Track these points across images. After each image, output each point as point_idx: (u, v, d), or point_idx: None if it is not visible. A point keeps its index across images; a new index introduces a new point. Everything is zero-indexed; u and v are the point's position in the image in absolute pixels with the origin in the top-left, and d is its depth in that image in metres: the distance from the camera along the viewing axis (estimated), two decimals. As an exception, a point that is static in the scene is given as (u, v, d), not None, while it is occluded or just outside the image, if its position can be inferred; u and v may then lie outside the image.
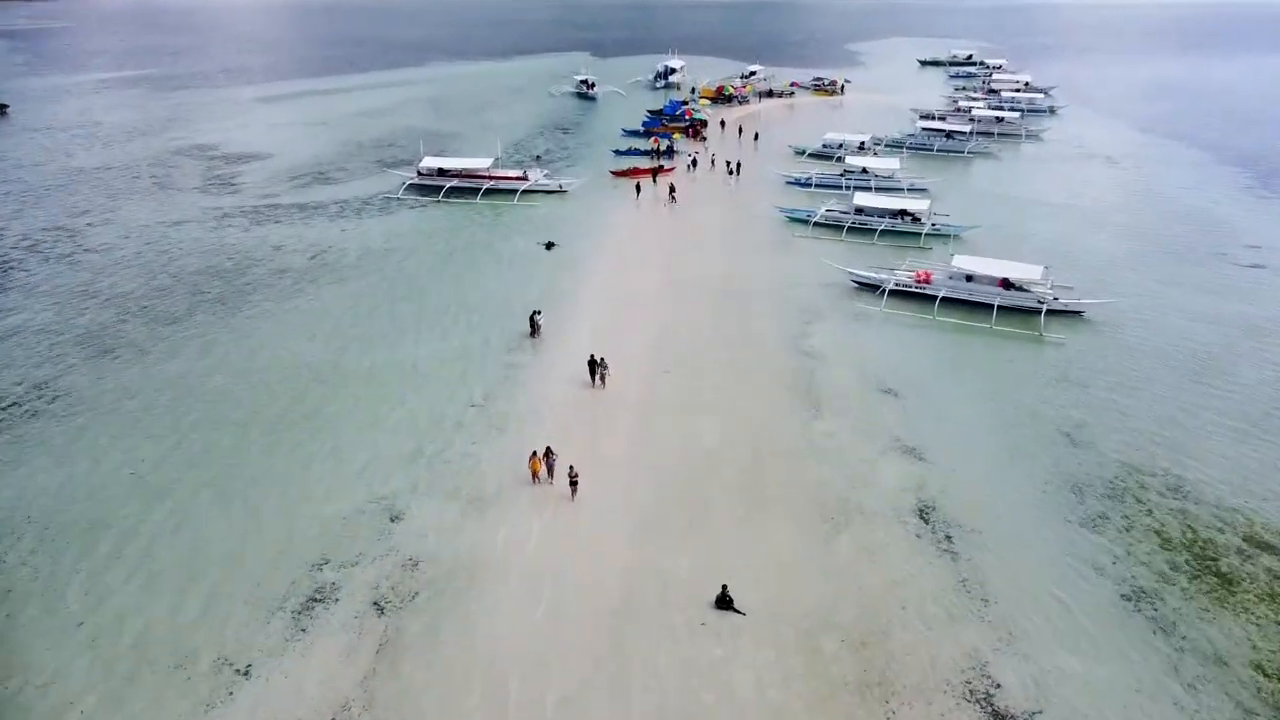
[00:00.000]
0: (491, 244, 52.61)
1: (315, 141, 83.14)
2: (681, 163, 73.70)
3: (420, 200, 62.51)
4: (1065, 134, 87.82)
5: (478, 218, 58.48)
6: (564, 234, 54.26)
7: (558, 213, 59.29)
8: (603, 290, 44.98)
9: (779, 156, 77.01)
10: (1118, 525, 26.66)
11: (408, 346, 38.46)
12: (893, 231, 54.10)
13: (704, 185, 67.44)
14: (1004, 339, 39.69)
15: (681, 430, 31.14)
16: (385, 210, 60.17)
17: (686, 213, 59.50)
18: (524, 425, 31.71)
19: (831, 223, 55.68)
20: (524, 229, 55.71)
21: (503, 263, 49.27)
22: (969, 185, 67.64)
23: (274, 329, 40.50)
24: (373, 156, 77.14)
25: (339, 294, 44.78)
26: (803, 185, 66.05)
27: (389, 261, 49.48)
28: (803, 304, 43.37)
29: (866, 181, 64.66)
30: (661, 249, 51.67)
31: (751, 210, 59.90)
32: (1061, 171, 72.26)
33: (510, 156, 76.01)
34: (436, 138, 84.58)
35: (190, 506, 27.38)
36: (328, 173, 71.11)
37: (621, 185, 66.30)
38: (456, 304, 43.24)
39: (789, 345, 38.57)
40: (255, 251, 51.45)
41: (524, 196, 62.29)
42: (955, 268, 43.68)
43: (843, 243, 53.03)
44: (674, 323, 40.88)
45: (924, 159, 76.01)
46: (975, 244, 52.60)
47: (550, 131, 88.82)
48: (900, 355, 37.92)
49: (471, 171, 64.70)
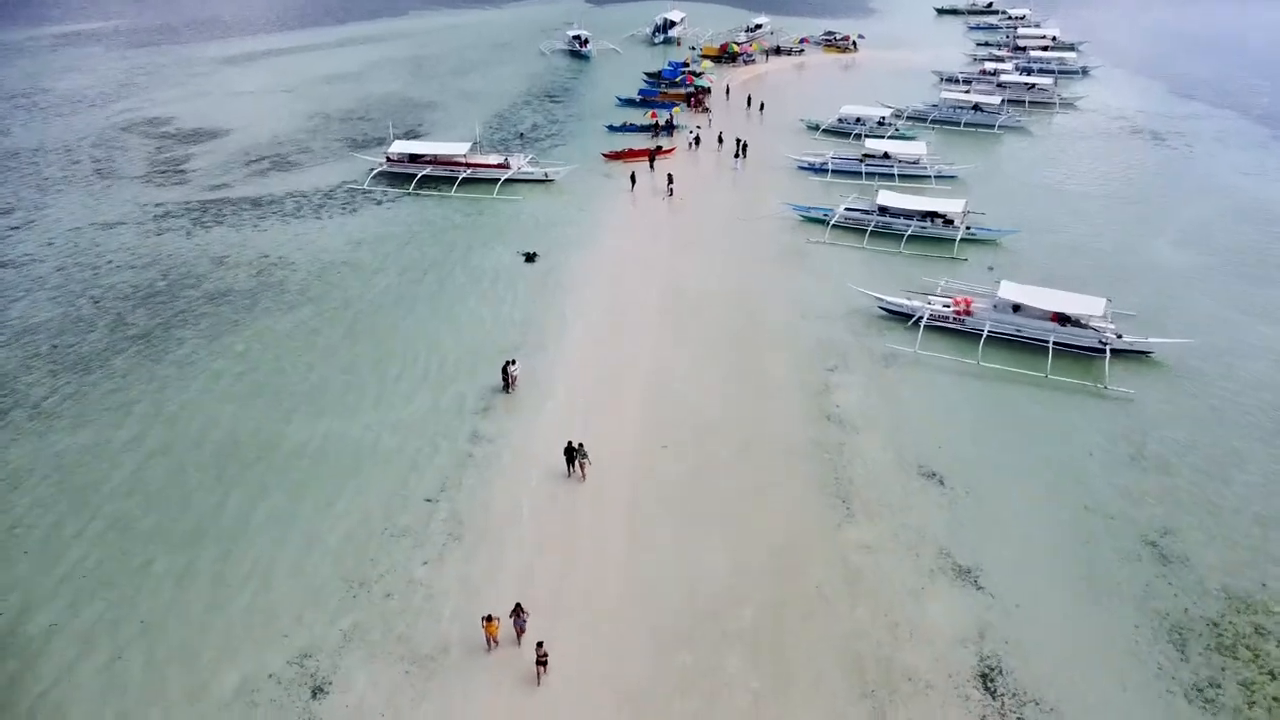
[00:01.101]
0: (467, 255, 46.08)
1: (278, 114, 75.62)
2: (682, 140, 66.51)
3: (389, 193, 55.68)
4: (1101, 101, 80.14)
5: (453, 216, 51.77)
6: (548, 240, 47.78)
7: (542, 209, 52.61)
8: (588, 323, 38.71)
9: (788, 132, 69.72)
10: (1234, 698, 20.99)
11: (364, 410, 32.42)
12: (922, 237, 47.51)
13: (706, 170, 60.51)
14: (1060, 393, 33.60)
15: (682, 555, 25.25)
16: (348, 207, 53.38)
17: (686, 209, 52.79)
18: (484, 537, 25.87)
19: (851, 224, 49.05)
20: (504, 232, 49.12)
21: (477, 282, 42.88)
22: (1002, 170, 60.63)
23: (205, 382, 34.37)
24: (339, 133, 69.83)
25: (287, 328, 38.54)
26: (816, 171, 59.11)
27: (348, 282, 43.07)
28: (824, 340, 37.17)
29: (888, 168, 57.71)
30: (657, 260, 45.23)
31: (760, 205, 53.14)
32: (1103, 151, 65.11)
33: (493, 134, 68.74)
34: (411, 109, 77.09)
35: (55, 664, 21.68)
36: (288, 155, 63.99)
37: (615, 172, 59.37)
38: (422, 344, 37.06)
39: (810, 406, 32.49)
40: (195, 265, 44.98)
41: (505, 187, 55.43)
42: (1000, 297, 37.33)
43: (864, 250, 46.56)
44: (671, 371, 34.75)
45: (950, 135, 68.77)
46: (1016, 252, 46.22)
47: (538, 100, 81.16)
48: (942, 418, 31.88)
49: (447, 158, 57.69)
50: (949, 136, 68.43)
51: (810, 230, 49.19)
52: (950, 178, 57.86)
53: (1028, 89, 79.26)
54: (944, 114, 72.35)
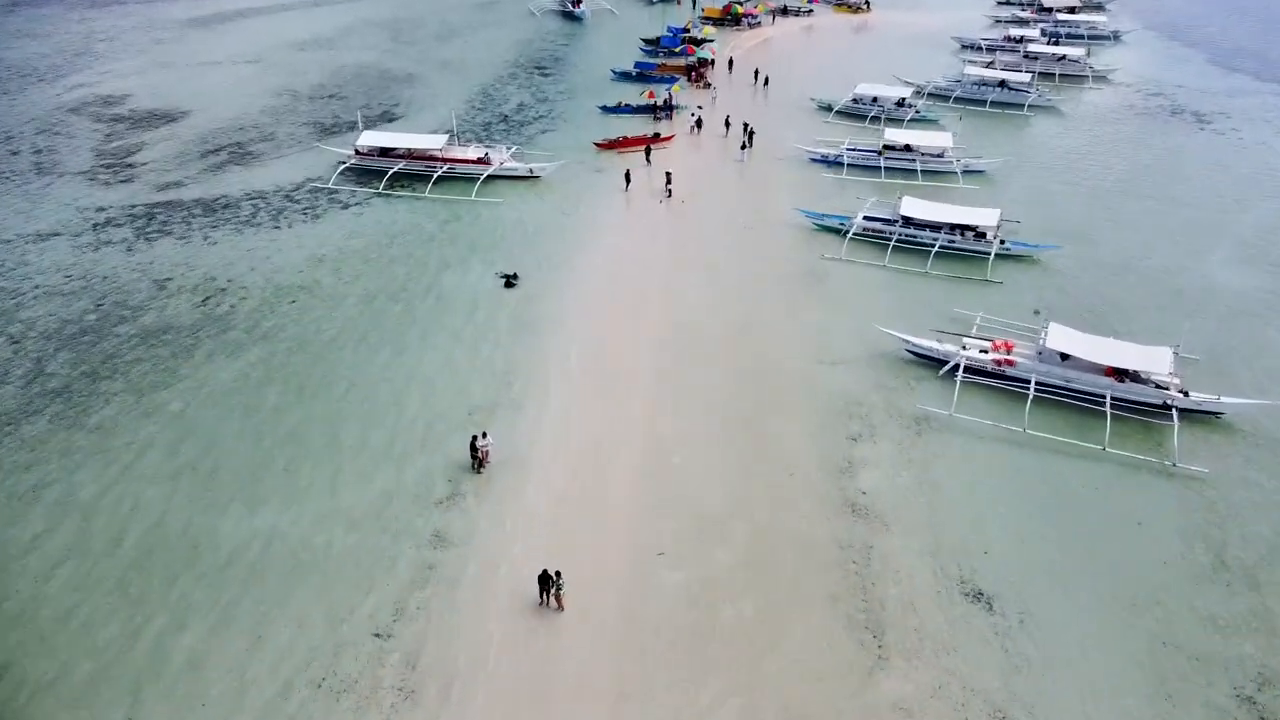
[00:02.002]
0: (439, 277, 40.96)
1: (243, 91, 69.48)
2: (683, 122, 60.77)
3: (356, 193, 50.19)
4: (1136, 73, 73.92)
5: (427, 224, 46.44)
6: (531, 255, 42.65)
7: (526, 213, 47.28)
8: (573, 375, 33.80)
9: (798, 112, 63.93)
10: None
11: (313, 496, 27.76)
12: (951, 252, 42.32)
13: (709, 161, 54.93)
14: (1123, 470, 28.91)
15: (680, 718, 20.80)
16: (311, 212, 47.98)
17: (686, 214, 47.43)
18: (443, 694, 21.43)
19: (871, 236, 43.81)
20: (483, 245, 43.91)
21: (450, 314, 37.86)
22: (1034, 162, 54.98)
23: (131, 456, 29.61)
24: (307, 115, 63.88)
25: (231, 378, 33.67)
26: (830, 164, 53.59)
27: (304, 314, 38.05)
28: (845, 396, 32.34)
29: (910, 162, 52.17)
30: (653, 286, 40.15)
31: (768, 209, 47.78)
32: (1142, 137, 59.40)
33: (475, 115, 62.91)
34: (387, 84, 70.91)
35: None
36: (249, 144, 58.24)
37: (608, 166, 53.82)
38: (385, 400, 32.27)
39: (830, 490, 27.83)
40: (133, 292, 39.92)
41: (486, 186, 49.94)
42: (1047, 346, 32.39)
43: (886, 269, 41.44)
44: (668, 442, 30.02)
45: (974, 116, 62.93)
46: (1057, 272, 41.18)
47: (525, 73, 74.84)
48: (986, 509, 27.25)
49: (421, 152, 52.06)
50: (974, 119, 62.59)
51: (825, 242, 43.98)
52: (978, 173, 52.41)
53: (1057, 60, 72.96)
54: (967, 91, 66.41)
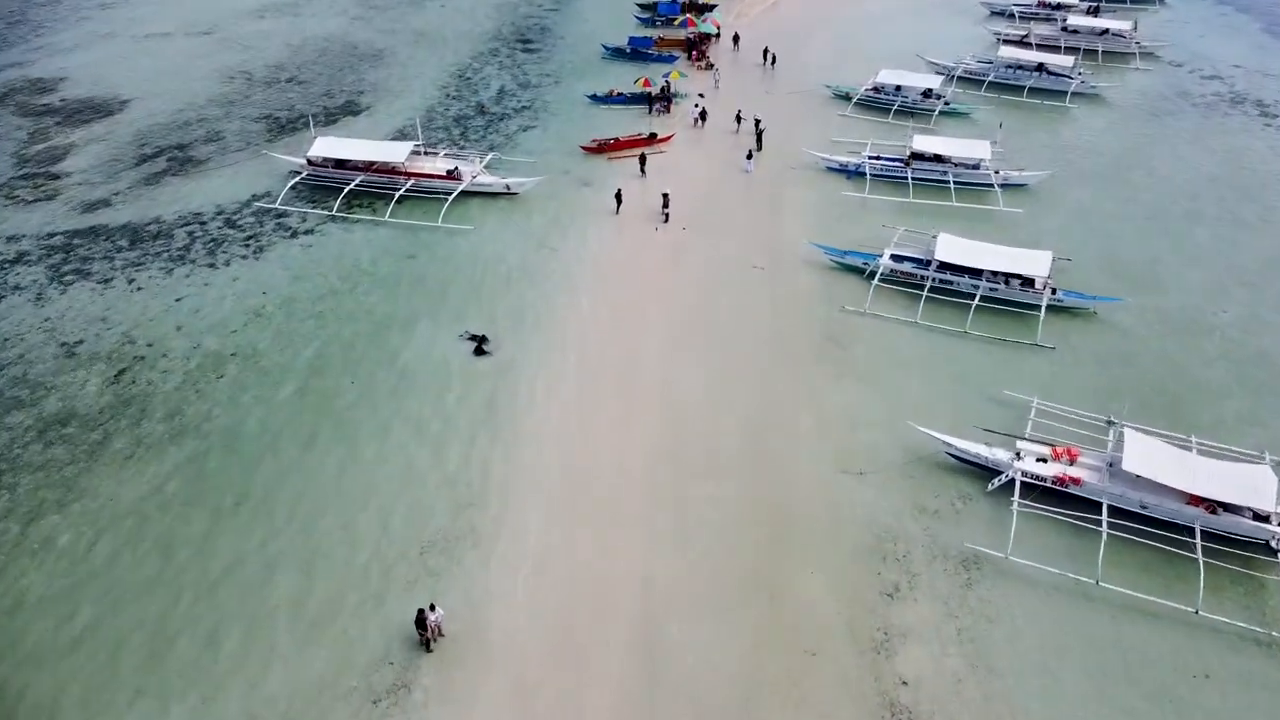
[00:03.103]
0: (400, 340, 34.93)
1: (191, 72, 62.19)
2: (683, 114, 53.95)
3: (307, 217, 43.76)
4: (1187, 49, 66.29)
5: (384, 260, 40.21)
6: (504, 306, 36.73)
7: (500, 246, 41.04)
8: (549, 493, 28.09)
9: (811, 101, 56.97)
10: None
11: (233, 693, 22.31)
12: (994, 304, 36.17)
13: (712, 170, 48.30)
14: (1221, 644, 23.43)
15: None
16: (254, 243, 41.65)
17: (685, 247, 41.10)
18: None
19: (900, 279, 37.66)
20: (449, 291, 37.83)
21: (407, 395, 31.97)
22: (1082, 170, 48.25)
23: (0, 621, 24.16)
24: (260, 106, 56.81)
25: (138, 497, 28.02)
26: (849, 175, 47.00)
27: (236, 394, 32.19)
28: (876, 524, 26.74)
29: (941, 175, 45.58)
30: (646, 356, 34.15)
31: (780, 240, 41.47)
32: (1201, 134, 52.52)
33: (448, 105, 55.87)
34: (351, 64, 63.50)
35: None
36: (192, 146, 51.45)
37: (596, 177, 47.25)
38: (332, 536, 26.62)
39: (864, 681, 22.41)
40: (36, 361, 34.03)
41: (455, 205, 43.42)
42: (1123, 463, 26.61)
43: (918, 327, 35.36)
44: (662, 599, 24.52)
45: (1009, 107, 55.82)
46: (1118, 330, 35.26)
47: (507, 48, 67.25)
48: (1054, 710, 21.81)
49: (383, 165, 45.41)
50: (1009, 110, 55.47)
51: (846, 285, 37.89)
52: (1018, 186, 45.82)
53: (1099, 35, 65.29)
54: (1001, 75, 59.10)
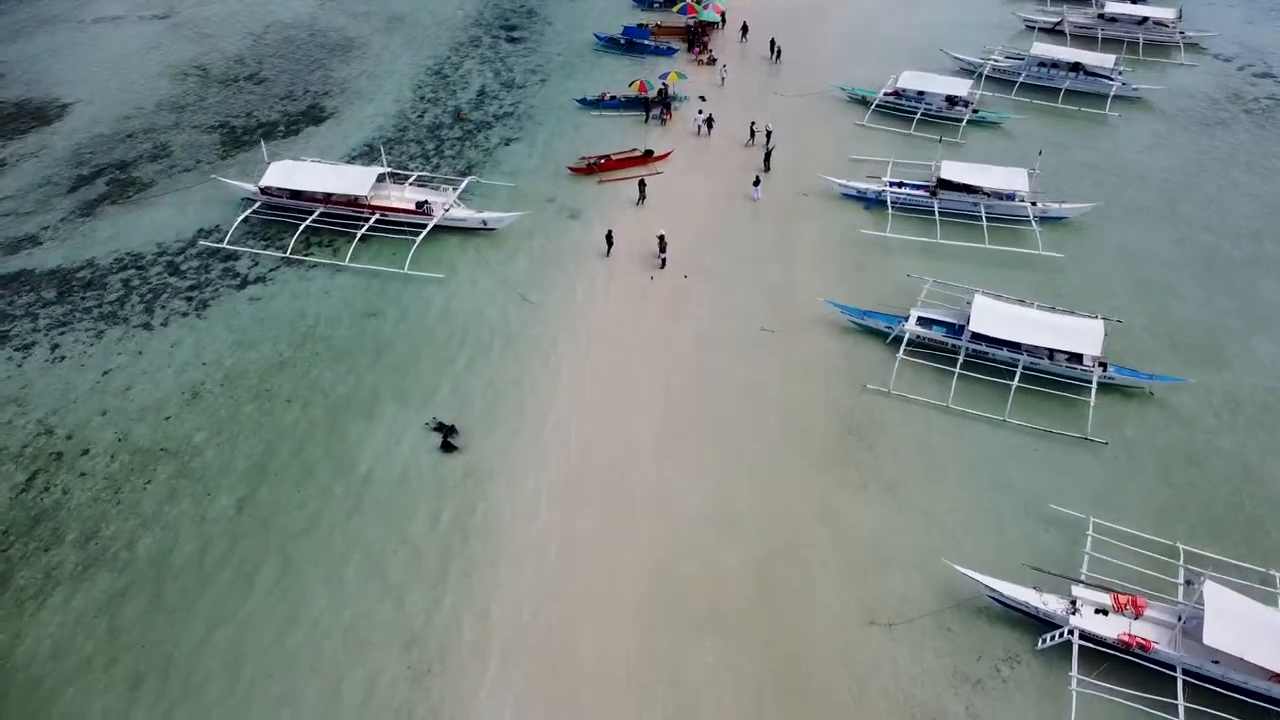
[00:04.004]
0: (357, 434, 30.38)
1: (141, 69, 56.48)
2: (684, 122, 48.71)
3: (258, 259, 38.88)
4: (1234, 38, 60.44)
5: (343, 316, 35.50)
6: (476, 384, 32.14)
7: (474, 301, 36.32)
8: (520, 666, 23.85)
9: (824, 103, 51.59)
10: None
11: None
12: (1036, 379, 31.51)
13: (716, 198, 43.24)
14: None
15: None
16: (197, 295, 36.84)
17: (685, 302, 36.32)
18: None
19: (929, 350, 33.00)
20: (415, 361, 33.22)
21: (373, 525, 27.49)
22: (1129, 200, 43.12)
23: None
24: (214, 112, 51.33)
25: (37, 662, 23.74)
26: (869, 203, 42.05)
27: (160, 515, 27.75)
28: (910, 700, 22.61)
29: (973, 208, 40.57)
30: (635, 442, 29.72)
31: (792, 295, 36.64)
32: (1260, 153, 47.22)
33: (421, 110, 50.34)
34: (319, 58, 57.68)
35: None
36: (136, 164, 46.21)
37: (585, 205, 42.37)
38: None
39: None
40: (-66, 459, 29.49)
41: (424, 246, 38.50)
42: (1204, 635, 22.29)
43: (950, 413, 30.83)
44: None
45: (1045, 114, 50.49)
46: (1180, 418, 30.79)
47: (490, 35, 61.32)
48: None
49: (344, 197, 40.32)
50: (1043, 118, 50.28)
51: (866, 357, 33.29)
52: (1058, 219, 40.87)
53: (1139, 24, 59.42)
54: (1034, 75, 53.45)
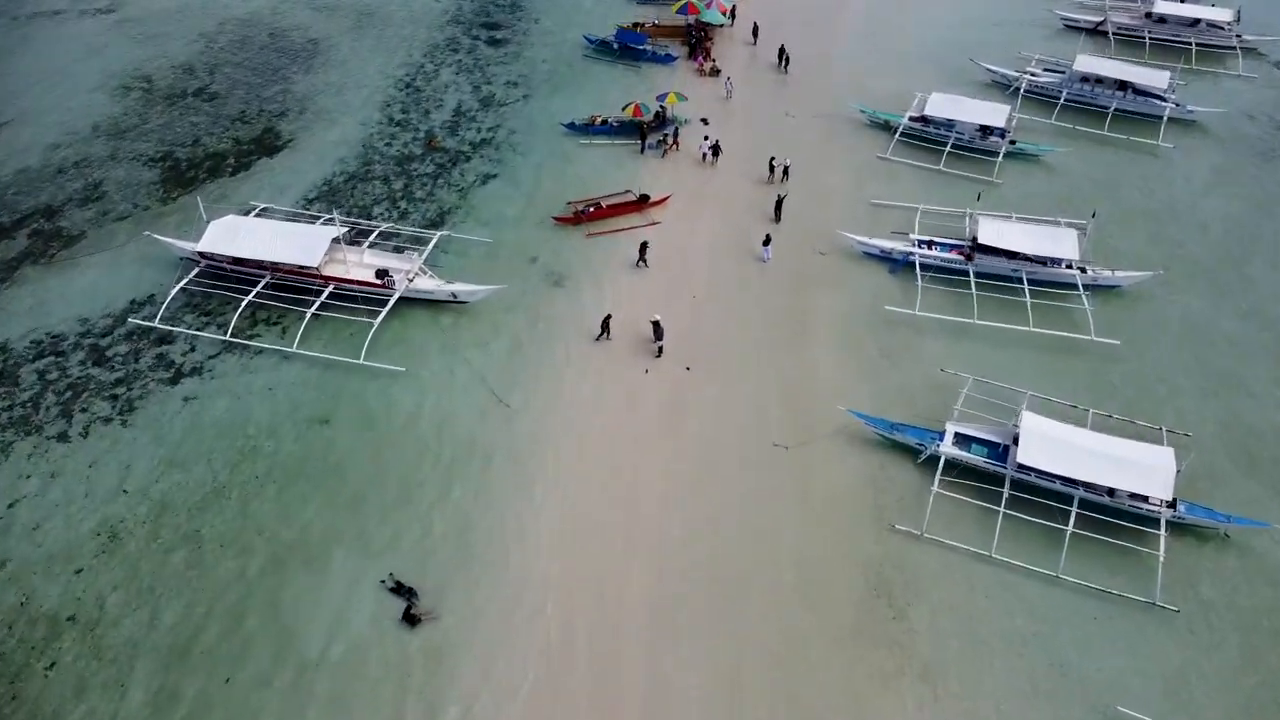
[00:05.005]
0: (297, 597, 25.84)
1: (79, 81, 50.69)
2: (689, 148, 43.38)
3: (196, 342, 33.93)
4: (1296, 41, 54.54)
5: (286, 429, 30.62)
6: (442, 519, 27.55)
7: (440, 406, 31.41)
8: None
9: (841, 128, 46.24)
10: None
11: None
12: (1096, 523, 26.90)
13: (717, 256, 38.20)
14: None
15: None
16: (124, 392, 32.00)
17: (684, 406, 31.49)
18: None
19: (968, 474, 28.34)
20: (370, 493, 28.51)
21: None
22: (1189, 261, 38.03)
23: None
24: (156, 140, 45.74)
25: None
26: (895, 266, 37.01)
27: (56, 717, 23.33)
28: None
29: (1014, 275, 35.49)
30: (625, 611, 25.23)
31: (808, 394, 31.78)
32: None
33: (386, 142, 44.84)
34: (278, 65, 51.86)
35: None
36: (64, 210, 40.90)
37: (571, 266, 37.26)
38: None
39: None
40: None
41: (385, 326, 33.52)
42: None
43: (993, 563, 26.30)
44: None
45: (1091, 144, 44.98)
46: (1267, 573, 26.30)
47: (469, 38, 55.21)
48: None
49: (292, 267, 35.15)
50: (1088, 149, 44.91)
51: (894, 483, 28.72)
52: (1111, 289, 35.83)
53: (1191, 25, 53.29)
54: (1076, 93, 47.68)
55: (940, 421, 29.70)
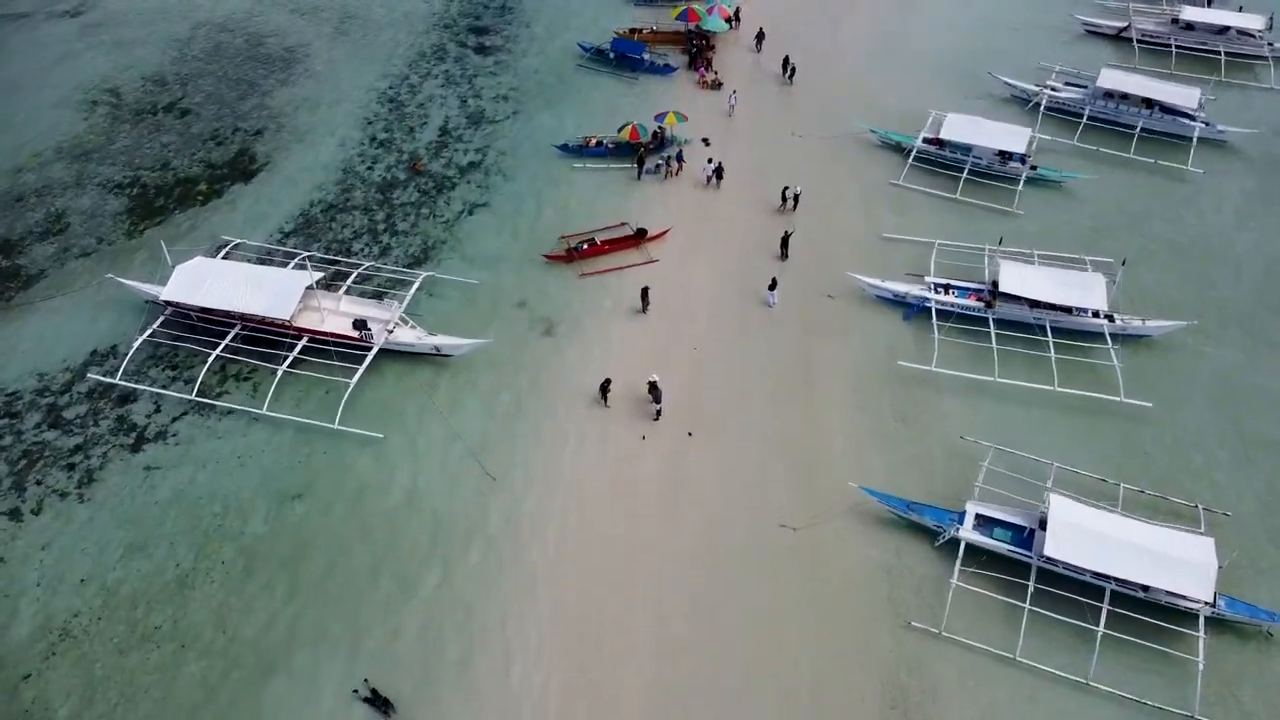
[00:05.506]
0: (265, 707, 23.81)
1: (46, 95, 47.94)
2: (692, 167, 40.88)
3: (161, 401, 31.67)
4: (1330, 48, 51.54)
5: (259, 504, 28.50)
6: (418, 616, 25.53)
7: (418, 477, 29.22)
8: None
9: (850, 149, 43.72)
10: None
11: None
12: (1129, 621, 24.82)
13: (722, 300, 35.68)
14: None
15: None
16: (80, 466, 29.78)
17: (684, 477, 29.29)
18: None
19: (991, 563, 26.22)
20: (343, 582, 26.41)
21: None
22: (1223, 305, 35.59)
23: None
24: (124, 163, 43.16)
25: None
26: (909, 312, 34.65)
27: None
28: None
29: (1037, 324, 33.14)
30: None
31: (817, 466, 29.53)
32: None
33: (366, 166, 42.24)
34: (255, 78, 49.14)
35: None
36: (21, 246, 38.62)
37: (561, 311, 34.89)
38: None
39: None
40: None
41: (362, 383, 31.23)
42: None
43: (1017, 666, 24.22)
44: None
45: (1116, 168, 42.38)
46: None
47: (456, 44, 52.28)
48: None
49: (262, 319, 32.75)
50: (1112, 171, 42.37)
51: (914, 563, 26.70)
52: (1142, 336, 33.53)
53: (1220, 34, 50.34)
54: (1099, 110, 44.91)
55: (960, 499, 27.56)
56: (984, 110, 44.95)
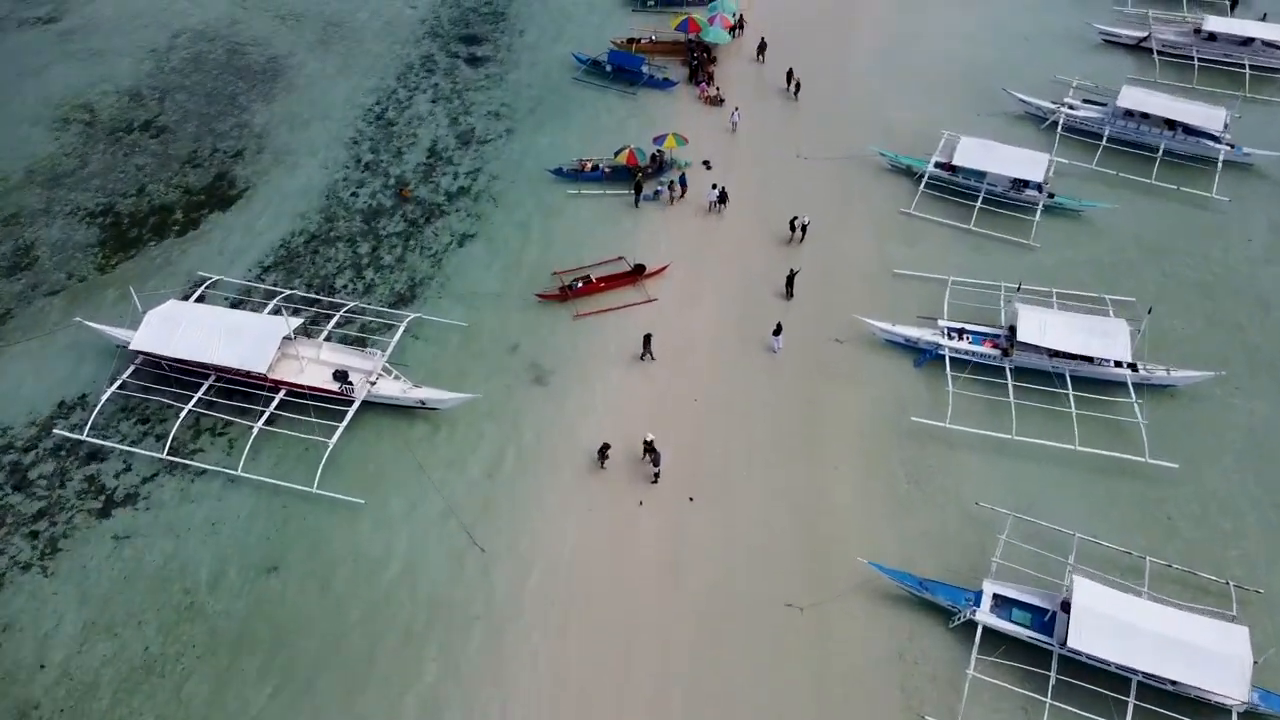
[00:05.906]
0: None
1: (16, 111, 45.67)
2: (695, 196, 38.93)
3: (131, 459, 29.98)
4: (1361, 61, 49.32)
5: (231, 577, 26.95)
6: (393, 710, 23.76)
7: (402, 549, 27.63)
8: None
9: (859, 171, 41.73)
10: None
11: None
12: (1150, 701, 23.31)
13: (722, 344, 33.88)
14: None
15: None
16: (44, 534, 28.13)
17: (684, 552, 27.67)
18: None
19: (1011, 649, 24.66)
20: (320, 669, 24.84)
21: None
22: (1252, 350, 33.75)
23: None
24: (96, 189, 41.11)
25: None
26: (922, 358, 32.87)
27: None
28: None
29: (1057, 375, 31.40)
30: None
31: (824, 537, 27.89)
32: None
33: (349, 193, 40.30)
34: (235, 92, 46.92)
35: None
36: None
37: (554, 358, 33.10)
38: None
39: None
40: None
41: (342, 440, 29.52)
42: None
43: (1042, 763, 22.76)
44: None
45: (1137, 194, 40.38)
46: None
47: (446, 54, 50.02)
48: None
49: (237, 371, 30.92)
50: (1134, 198, 40.37)
51: (928, 649, 25.23)
52: (1165, 388, 31.71)
53: (1244, 45, 48.14)
54: (1119, 130, 42.83)
55: (976, 573, 25.98)
56: (998, 128, 42.95)
